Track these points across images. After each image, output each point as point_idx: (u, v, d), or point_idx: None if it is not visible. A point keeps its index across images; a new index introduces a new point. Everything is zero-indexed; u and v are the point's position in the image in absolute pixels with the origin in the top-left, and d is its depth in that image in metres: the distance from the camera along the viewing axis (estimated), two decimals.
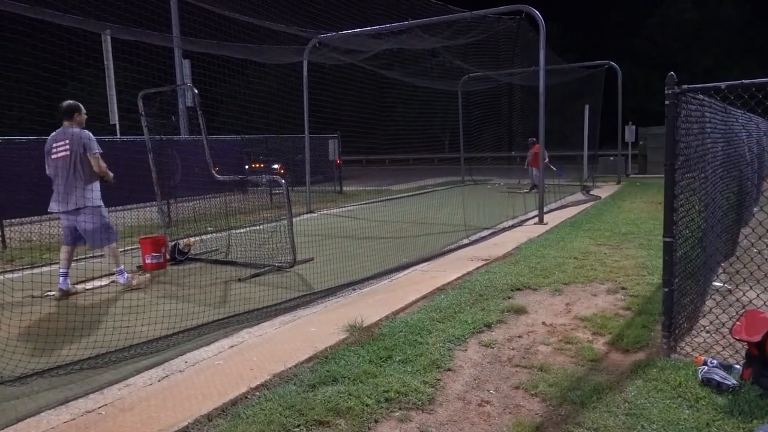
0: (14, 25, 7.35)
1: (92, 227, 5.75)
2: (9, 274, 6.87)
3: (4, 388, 3.50)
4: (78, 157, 5.62)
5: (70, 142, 5.62)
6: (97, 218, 5.77)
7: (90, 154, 5.65)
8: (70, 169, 5.62)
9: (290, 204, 6.72)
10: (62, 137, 5.68)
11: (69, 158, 5.61)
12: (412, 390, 3.36)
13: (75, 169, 5.63)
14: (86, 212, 5.71)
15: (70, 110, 5.76)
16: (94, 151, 5.67)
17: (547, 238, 8.34)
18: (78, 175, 5.65)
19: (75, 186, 5.63)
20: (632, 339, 4.11)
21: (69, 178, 5.62)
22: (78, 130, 5.70)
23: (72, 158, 5.61)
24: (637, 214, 10.88)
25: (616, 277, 5.97)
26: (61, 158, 5.64)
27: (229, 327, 4.57)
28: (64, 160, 5.63)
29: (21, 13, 7.68)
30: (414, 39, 11.33)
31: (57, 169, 5.68)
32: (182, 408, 3.14)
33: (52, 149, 5.71)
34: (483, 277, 6.06)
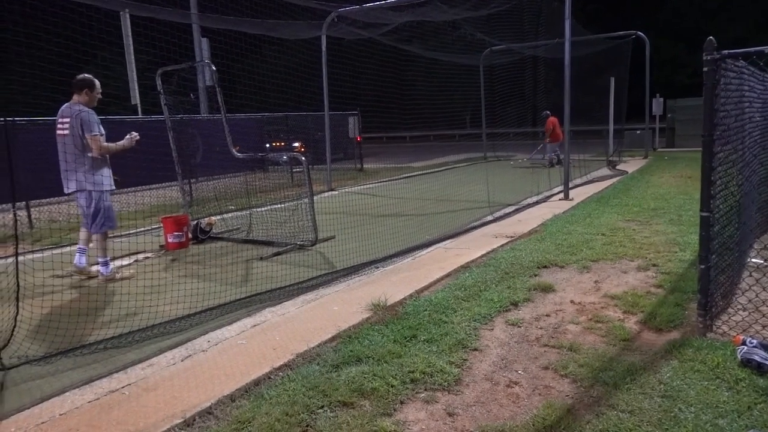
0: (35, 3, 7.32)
1: (89, 211, 5.48)
2: (36, 254, 6.94)
3: (30, 368, 3.51)
4: (78, 137, 5.33)
5: (71, 120, 5.32)
6: (96, 201, 5.48)
7: (89, 135, 5.32)
8: (69, 147, 5.34)
9: (311, 182, 6.64)
10: (67, 113, 5.38)
11: (68, 137, 5.34)
12: (438, 370, 3.28)
13: (74, 149, 5.34)
14: (86, 194, 5.45)
15: (81, 84, 5.42)
16: (93, 133, 5.33)
17: (573, 214, 8.15)
18: (78, 156, 5.35)
19: (75, 167, 5.35)
20: (665, 318, 3.96)
21: (68, 157, 5.33)
22: (80, 108, 5.35)
23: (71, 137, 5.33)
24: (666, 188, 10.58)
25: (646, 253, 5.79)
26: (61, 136, 5.38)
27: (251, 306, 4.54)
28: (63, 138, 5.36)
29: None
30: (435, 11, 11.04)
31: (59, 146, 5.40)
32: (205, 388, 3.11)
33: (57, 125, 5.44)
34: (508, 254, 5.93)
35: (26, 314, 4.24)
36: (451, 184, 12.51)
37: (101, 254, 5.64)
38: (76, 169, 5.35)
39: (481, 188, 10.03)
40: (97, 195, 5.48)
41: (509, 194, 10.30)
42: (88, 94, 5.47)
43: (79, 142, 5.34)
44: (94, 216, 5.51)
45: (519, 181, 12.58)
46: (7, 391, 3.24)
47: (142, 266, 6.21)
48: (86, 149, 5.37)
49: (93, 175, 5.45)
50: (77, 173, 5.36)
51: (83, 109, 5.37)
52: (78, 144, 5.34)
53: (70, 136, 5.34)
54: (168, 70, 7.31)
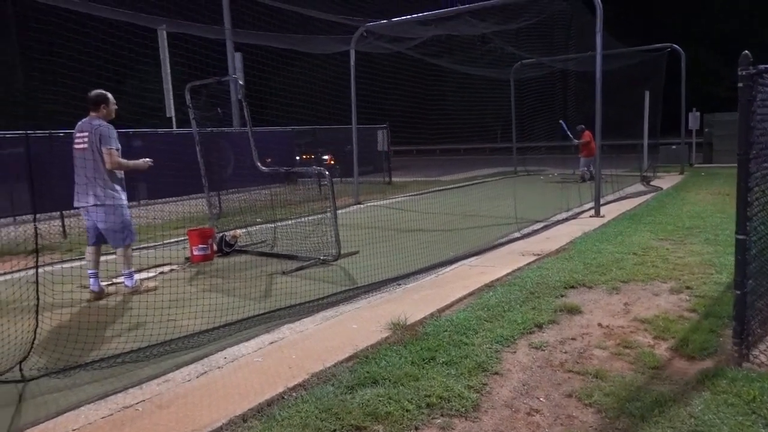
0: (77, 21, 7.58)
1: (110, 225, 5.44)
2: (66, 264, 7.06)
3: (49, 380, 3.54)
4: (96, 151, 5.34)
5: (90, 135, 5.35)
6: (116, 216, 5.46)
7: (105, 149, 5.31)
8: (89, 162, 5.33)
9: (334, 196, 6.62)
10: (86, 128, 5.41)
11: (87, 151, 5.35)
12: (456, 395, 3.17)
13: (94, 163, 5.34)
14: (104, 210, 5.41)
15: (97, 100, 5.46)
16: (110, 146, 5.33)
17: (603, 232, 7.92)
18: (97, 170, 5.36)
19: (94, 181, 5.35)
20: (698, 345, 3.77)
21: (88, 171, 5.34)
22: (98, 122, 5.39)
23: (90, 151, 5.34)
24: (702, 206, 10.23)
25: (680, 275, 5.56)
26: (80, 150, 5.40)
27: (270, 322, 4.50)
28: (83, 152, 5.38)
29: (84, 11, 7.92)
30: (463, 25, 10.99)
31: (77, 161, 5.41)
32: (218, 407, 3.07)
33: (75, 139, 5.47)
34: (534, 273, 5.77)
35: (51, 325, 4.30)
36: (480, 199, 12.35)
37: (126, 266, 5.65)
38: (95, 183, 5.36)
39: (510, 203, 9.87)
40: (119, 209, 5.49)
41: (538, 210, 10.11)
42: (105, 108, 5.51)
43: (98, 156, 5.35)
44: (116, 230, 5.50)
45: (549, 196, 12.35)
46: (25, 403, 3.26)
47: (166, 279, 6.26)
48: (104, 163, 5.38)
49: (112, 189, 5.45)
50: (96, 188, 5.37)
51: (102, 123, 5.42)
52: (97, 158, 5.35)
53: (89, 151, 5.35)
54: (196, 85, 7.42)
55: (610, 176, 13.51)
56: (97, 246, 5.64)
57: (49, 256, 7.78)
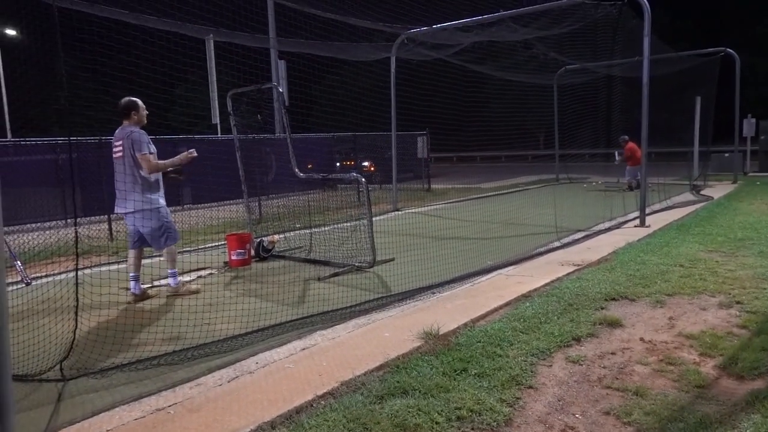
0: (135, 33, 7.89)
1: (151, 229, 5.61)
2: (113, 266, 7.29)
3: (87, 380, 3.62)
4: (130, 157, 5.49)
5: (124, 142, 5.51)
6: (155, 220, 5.61)
7: (139, 155, 5.46)
8: (126, 169, 5.50)
9: (370, 202, 6.61)
10: (120, 136, 5.57)
11: (123, 158, 5.51)
12: (487, 408, 3.09)
13: (130, 170, 5.51)
14: (144, 214, 5.56)
15: (127, 108, 5.62)
16: (143, 152, 5.46)
17: (648, 243, 7.64)
18: (133, 176, 5.52)
19: (132, 187, 5.52)
20: (749, 363, 3.56)
21: (126, 178, 5.51)
22: (130, 129, 5.54)
23: (126, 158, 5.50)
24: (756, 217, 9.76)
25: (729, 289, 5.29)
26: (117, 158, 5.56)
27: (303, 328, 4.51)
28: (120, 159, 5.53)
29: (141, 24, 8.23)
30: (504, 30, 10.85)
31: (115, 168, 5.59)
32: (246, 413, 3.08)
33: (113, 148, 5.64)
34: (574, 284, 5.60)
35: (91, 326, 4.43)
36: (520, 207, 12.14)
37: (171, 266, 5.81)
38: (133, 189, 5.51)
39: (550, 212, 9.66)
40: (155, 212, 5.63)
41: (579, 219, 9.85)
42: (136, 115, 5.63)
43: (133, 162, 5.49)
44: (158, 233, 5.65)
45: (591, 205, 12.02)
46: (63, 403, 3.35)
47: (204, 282, 6.37)
48: (140, 169, 5.52)
49: (149, 194, 5.59)
50: (133, 194, 5.51)
51: (134, 129, 5.55)
52: (132, 164, 5.50)
53: (124, 158, 5.50)
54: (238, 93, 7.55)
55: (657, 185, 13.07)
56: (138, 250, 5.80)
57: (96, 258, 8.05)
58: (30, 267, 7.16)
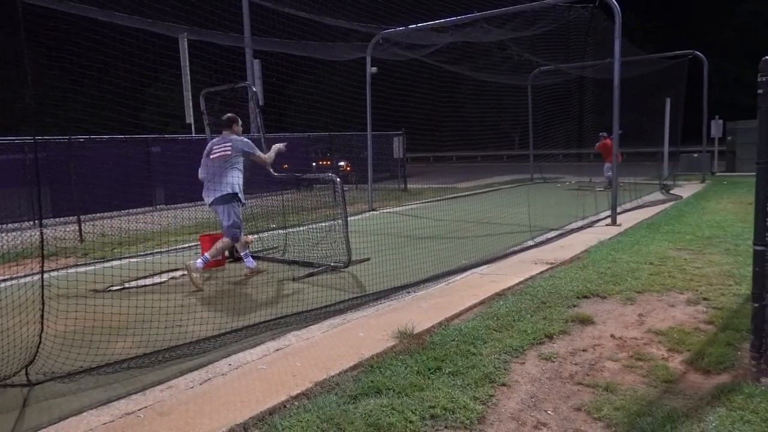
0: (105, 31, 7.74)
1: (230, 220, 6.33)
2: (81, 268, 7.13)
3: (54, 385, 3.54)
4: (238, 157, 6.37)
5: (232, 145, 6.37)
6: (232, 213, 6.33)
7: (255, 155, 6.50)
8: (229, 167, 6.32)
9: (345, 202, 6.59)
10: (225, 140, 6.43)
11: (229, 158, 6.33)
12: (461, 406, 3.10)
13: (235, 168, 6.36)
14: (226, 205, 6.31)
15: (229, 122, 6.58)
16: (257, 153, 6.53)
17: (619, 241, 7.77)
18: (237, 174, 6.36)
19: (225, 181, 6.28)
20: (714, 358, 3.65)
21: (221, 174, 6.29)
22: (236, 137, 6.49)
23: (231, 155, 6.33)
24: (723, 215, 10.01)
25: (697, 286, 5.42)
26: (219, 157, 6.34)
27: (277, 329, 4.47)
28: (219, 159, 6.33)
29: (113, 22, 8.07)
30: (479, 31, 10.93)
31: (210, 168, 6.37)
32: (219, 415, 3.04)
33: (213, 150, 6.43)
34: (547, 282, 5.67)
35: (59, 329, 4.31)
36: (494, 207, 12.24)
37: (211, 255, 6.24)
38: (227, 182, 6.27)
39: (525, 211, 9.76)
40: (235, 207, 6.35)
41: (553, 218, 9.97)
42: (236, 127, 6.58)
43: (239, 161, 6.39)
44: (231, 225, 6.33)
45: (564, 204, 12.18)
46: (28, 408, 3.26)
47: (176, 284, 6.27)
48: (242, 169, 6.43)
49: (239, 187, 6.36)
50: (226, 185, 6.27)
51: (239, 136, 6.54)
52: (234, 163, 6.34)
53: (228, 157, 6.33)
54: (211, 91, 7.46)
55: (628, 184, 13.30)
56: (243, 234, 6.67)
57: (64, 260, 7.86)
58: None
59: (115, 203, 11.26)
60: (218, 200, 6.28)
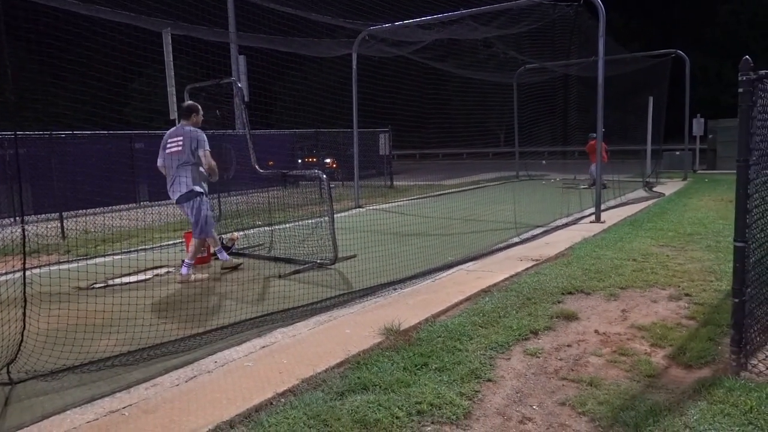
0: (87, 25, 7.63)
1: (195, 217, 6.13)
2: (64, 265, 7.04)
3: (36, 383, 3.50)
4: (190, 153, 6.04)
5: (185, 139, 6.05)
6: (199, 210, 6.11)
7: (203, 150, 6.07)
8: (183, 162, 6.04)
9: (331, 199, 6.58)
10: (180, 133, 6.12)
11: (181, 153, 6.04)
12: (447, 402, 3.12)
13: (187, 163, 6.06)
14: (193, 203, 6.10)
15: (188, 111, 6.26)
16: (207, 148, 6.11)
17: (603, 238, 7.86)
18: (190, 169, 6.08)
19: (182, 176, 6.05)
20: (696, 353, 3.71)
21: (182, 170, 6.04)
22: (191, 128, 6.13)
23: (185, 153, 6.03)
24: (704, 212, 10.15)
25: (679, 282, 5.50)
26: (174, 152, 6.06)
27: (263, 326, 4.46)
28: (176, 154, 6.05)
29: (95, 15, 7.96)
30: (464, 29, 10.96)
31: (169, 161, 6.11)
32: (205, 412, 3.03)
33: (167, 143, 6.15)
34: (532, 278, 5.72)
35: (41, 326, 4.26)
36: (480, 204, 12.30)
37: (190, 258, 6.16)
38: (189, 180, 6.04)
39: (510, 208, 9.83)
40: (201, 203, 6.13)
41: (538, 215, 10.04)
42: (195, 117, 6.25)
43: (191, 157, 6.04)
44: (197, 222, 6.15)
45: (549, 201, 12.27)
46: (10, 407, 3.22)
47: (159, 282, 6.22)
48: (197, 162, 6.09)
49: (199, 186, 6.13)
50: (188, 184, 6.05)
51: (196, 129, 6.17)
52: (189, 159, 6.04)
53: (181, 153, 6.04)
54: (196, 87, 7.39)
55: (612, 182, 13.43)
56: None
57: (46, 257, 7.76)
58: None
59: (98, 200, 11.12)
60: (181, 198, 6.14)
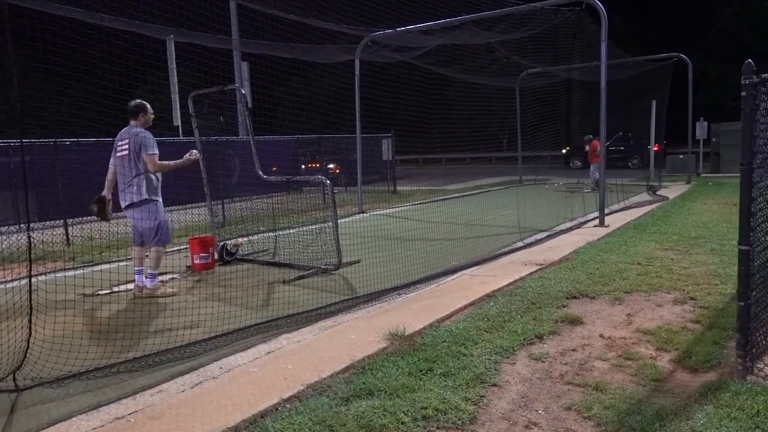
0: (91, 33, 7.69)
1: (146, 225, 5.75)
2: (68, 272, 7.06)
3: (42, 390, 3.50)
4: (135, 157, 5.65)
5: (130, 142, 5.66)
6: (152, 218, 5.74)
7: (146, 155, 5.63)
8: (130, 167, 5.66)
9: (335, 205, 6.59)
10: (126, 136, 5.73)
11: (126, 158, 5.67)
12: (452, 407, 3.12)
13: (134, 168, 5.67)
14: (142, 211, 5.71)
15: (135, 110, 5.81)
16: (149, 152, 5.64)
17: (607, 242, 7.85)
18: (135, 175, 5.67)
19: (135, 185, 5.68)
20: (702, 357, 3.70)
21: (126, 176, 5.68)
22: (137, 130, 5.70)
23: (129, 158, 5.66)
24: (708, 216, 10.13)
25: (684, 285, 5.48)
26: (122, 156, 5.71)
27: (268, 332, 4.46)
28: (124, 158, 5.69)
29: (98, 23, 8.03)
30: (467, 34, 10.99)
31: (118, 167, 5.76)
32: (210, 418, 3.03)
33: (117, 146, 5.81)
34: (536, 283, 5.71)
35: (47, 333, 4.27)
36: (484, 208, 12.30)
37: (153, 268, 5.86)
38: (136, 187, 5.66)
39: (514, 213, 9.82)
40: (153, 211, 5.74)
41: (542, 220, 10.04)
42: (144, 117, 5.82)
43: (137, 161, 5.65)
44: (151, 230, 5.77)
45: (553, 205, 12.26)
46: (16, 414, 3.23)
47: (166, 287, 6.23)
48: (144, 168, 5.67)
49: (148, 192, 5.72)
50: (136, 191, 5.66)
51: (141, 131, 5.72)
52: (135, 164, 5.65)
53: (128, 158, 5.65)
54: (199, 94, 7.43)
55: (615, 185, 13.42)
56: (141, 247, 5.90)
57: (51, 264, 7.79)
58: None
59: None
60: (131, 206, 5.74)
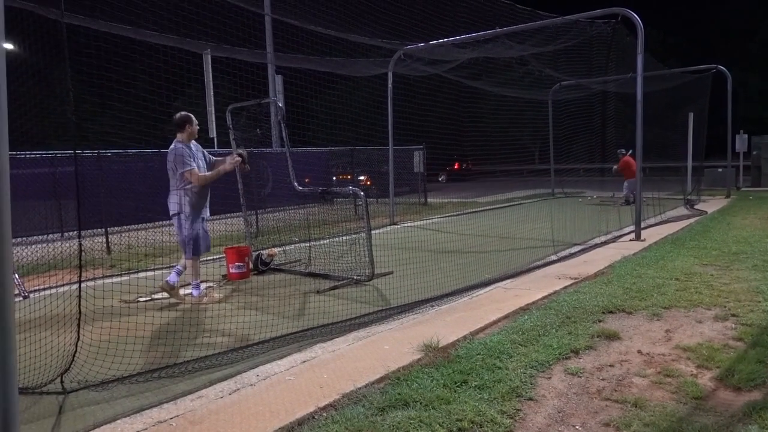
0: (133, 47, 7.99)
1: (180, 237, 6.01)
2: (107, 279, 7.28)
3: (88, 393, 3.63)
4: (173, 170, 5.90)
5: (169, 156, 5.92)
6: (183, 230, 5.94)
7: (180, 173, 5.83)
8: (172, 180, 5.95)
9: (369, 216, 6.64)
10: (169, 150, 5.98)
11: (169, 171, 5.95)
12: (488, 420, 3.11)
13: (174, 181, 5.93)
14: (173, 221, 6.00)
15: (180, 122, 5.96)
16: (184, 169, 5.81)
17: (644, 256, 7.70)
18: (174, 187, 5.93)
19: (174, 197, 5.93)
20: (745, 375, 3.60)
21: (172, 188, 5.96)
22: (174, 146, 5.90)
23: (170, 170, 5.94)
24: (750, 231, 9.85)
25: (725, 302, 5.35)
26: (169, 169, 5.97)
27: (303, 341, 4.52)
28: (169, 171, 5.97)
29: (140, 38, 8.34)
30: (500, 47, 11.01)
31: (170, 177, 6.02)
32: (248, 424, 3.09)
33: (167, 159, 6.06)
34: (571, 297, 5.64)
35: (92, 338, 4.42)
36: (516, 221, 12.21)
37: (192, 277, 6.09)
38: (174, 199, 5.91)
39: (546, 226, 9.73)
40: (182, 224, 5.92)
41: (576, 233, 9.91)
42: (189, 129, 5.97)
43: (173, 176, 5.90)
44: (181, 243, 6.03)
45: (587, 219, 12.10)
46: (64, 416, 3.35)
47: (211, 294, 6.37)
48: (182, 182, 5.87)
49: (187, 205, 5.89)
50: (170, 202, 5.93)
51: (177, 146, 5.90)
52: (175, 176, 5.89)
53: (169, 170, 5.93)
54: (237, 107, 7.61)
55: (652, 199, 13.17)
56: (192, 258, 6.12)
57: (93, 271, 8.03)
58: (27, 280, 7.15)
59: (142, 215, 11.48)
60: (171, 217, 6.05)
